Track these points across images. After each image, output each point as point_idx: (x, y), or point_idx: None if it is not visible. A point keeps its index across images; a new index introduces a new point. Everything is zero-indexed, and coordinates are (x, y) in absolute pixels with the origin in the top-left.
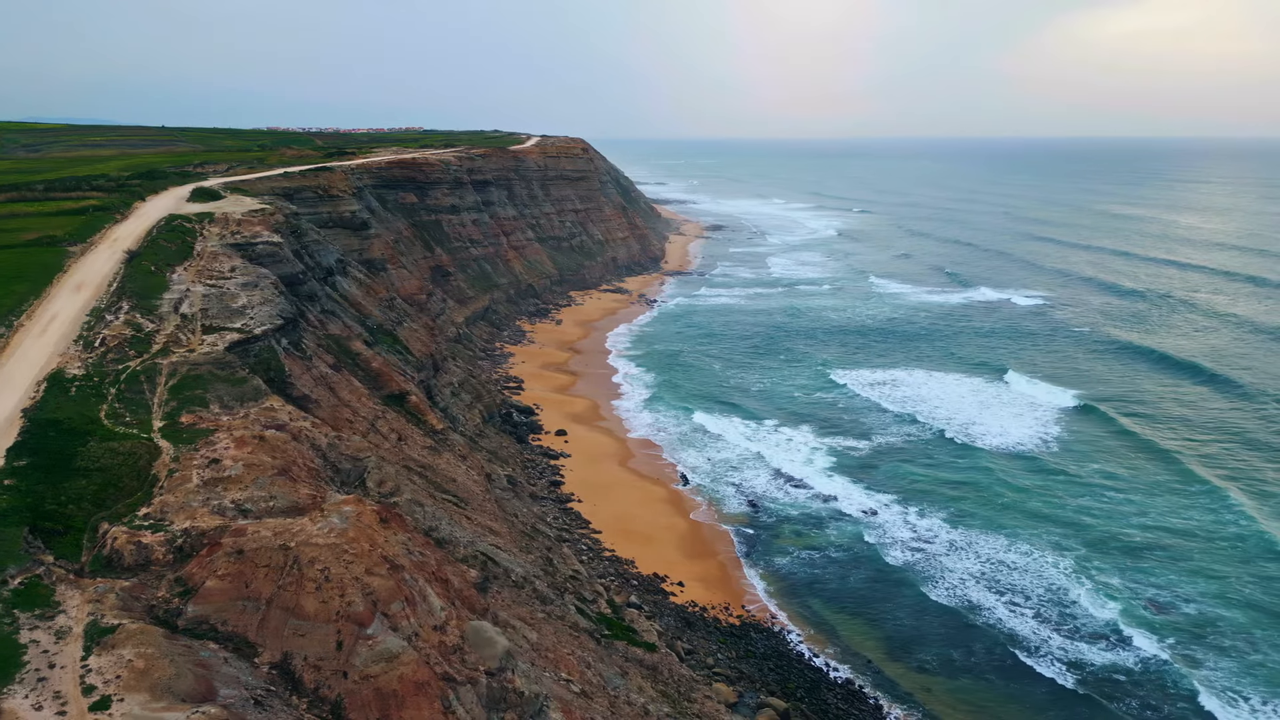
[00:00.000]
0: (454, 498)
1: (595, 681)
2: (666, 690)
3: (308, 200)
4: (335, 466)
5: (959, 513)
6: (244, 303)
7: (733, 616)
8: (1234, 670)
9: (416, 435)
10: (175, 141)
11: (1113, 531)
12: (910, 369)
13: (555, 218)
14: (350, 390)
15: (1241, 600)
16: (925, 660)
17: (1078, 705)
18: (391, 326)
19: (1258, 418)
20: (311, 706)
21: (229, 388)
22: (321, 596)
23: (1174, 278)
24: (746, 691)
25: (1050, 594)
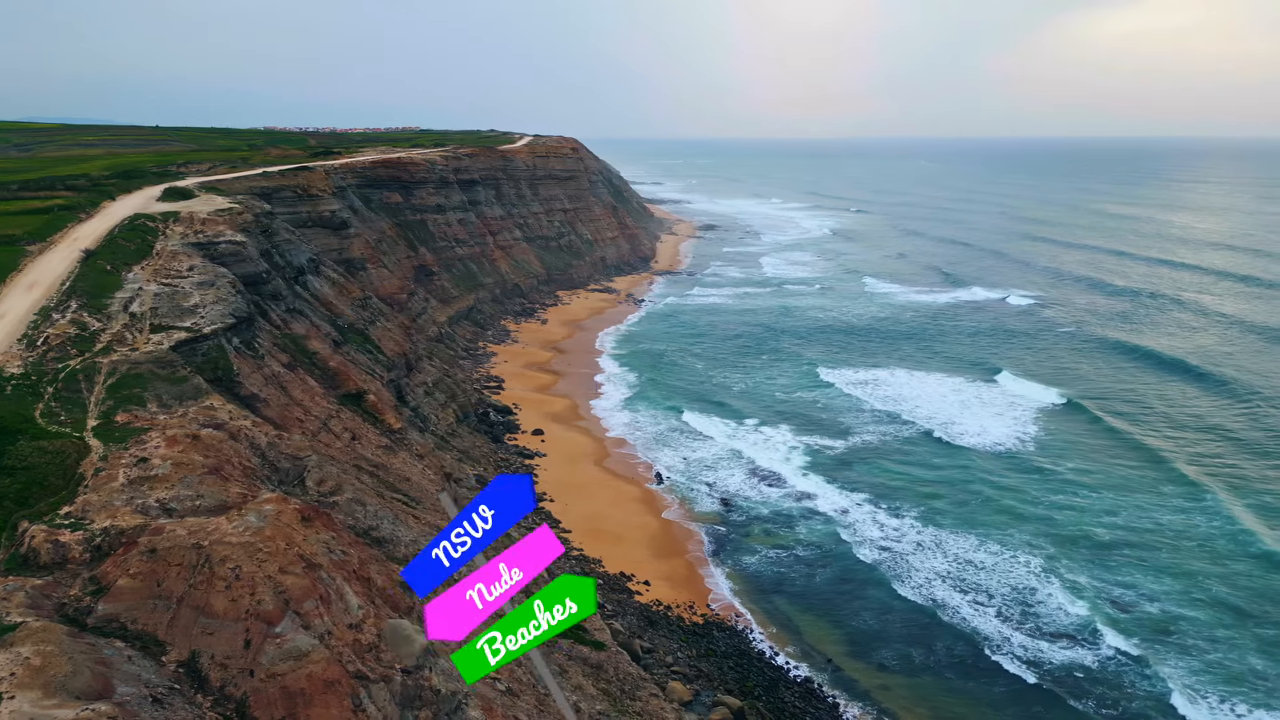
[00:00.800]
0: (405, 497)
1: (524, 679)
2: (608, 689)
3: (287, 200)
4: (274, 465)
5: (931, 511)
6: (196, 301)
7: (696, 615)
8: (1194, 668)
9: (371, 434)
10: (168, 141)
11: (1084, 530)
12: (894, 368)
13: (544, 217)
14: (304, 389)
15: (1207, 599)
16: (885, 659)
17: (1034, 703)
18: (363, 326)
19: (1242, 416)
20: (216, 705)
21: (169, 386)
22: (231, 595)
23: (1167, 277)
24: (704, 690)
25: (1015, 593)
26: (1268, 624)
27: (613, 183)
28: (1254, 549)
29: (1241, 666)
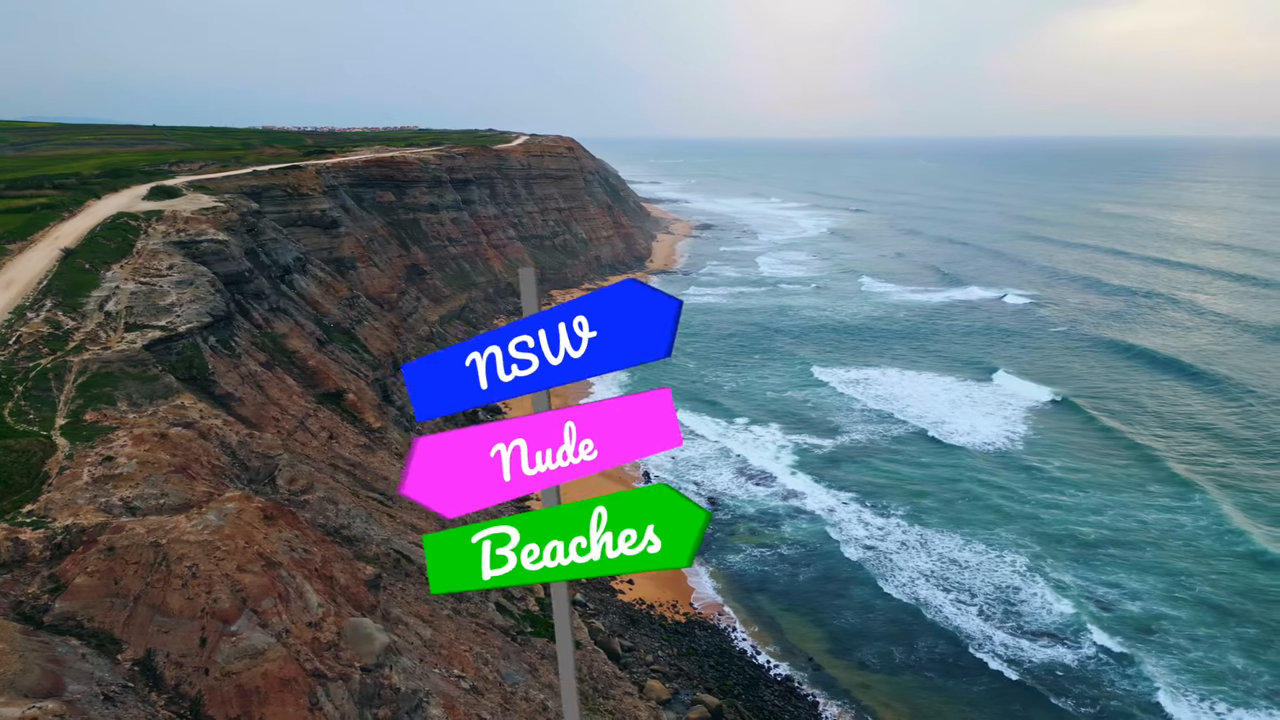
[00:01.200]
0: (381, 495)
1: (491, 678)
2: (581, 687)
3: (276, 198)
4: (244, 464)
5: (917, 510)
6: (173, 300)
7: (679, 614)
8: (1175, 667)
9: (350, 433)
10: (164, 140)
11: (1070, 529)
12: (887, 367)
13: (538, 216)
14: (281, 388)
15: (1190, 598)
16: (866, 657)
17: (1014, 701)
18: (350, 325)
19: (1234, 415)
20: (170, 703)
21: (139, 385)
22: (187, 593)
23: (1163, 276)
24: (683, 689)
25: (998, 591)
26: (1249, 623)
27: (609, 182)
28: (1239, 548)
29: (1222, 665)
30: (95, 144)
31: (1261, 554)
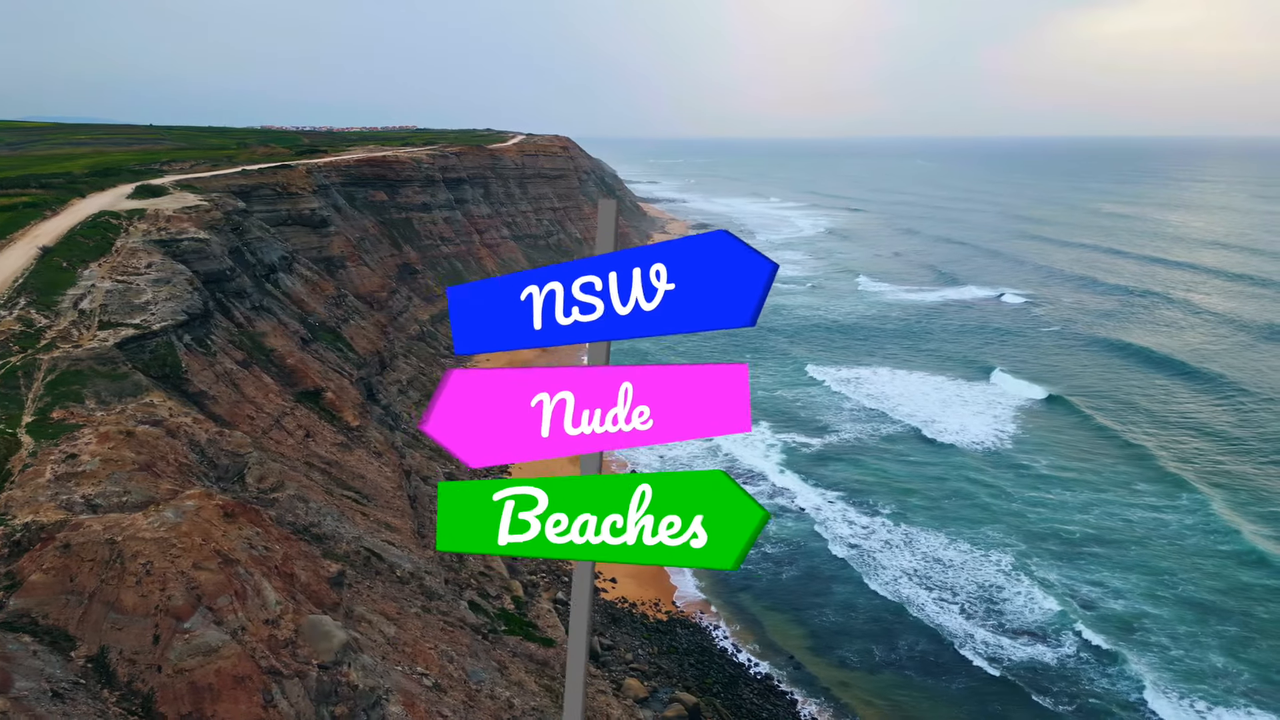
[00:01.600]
0: (356, 494)
1: (456, 675)
2: (553, 685)
3: (266, 198)
4: (213, 462)
5: (903, 509)
6: (148, 298)
7: (660, 612)
8: (1155, 665)
9: (327, 432)
10: (160, 140)
11: (1056, 528)
12: (880, 366)
13: (532, 215)
14: (257, 387)
15: (1173, 597)
16: (847, 656)
17: (992, 699)
18: (336, 324)
19: (1228, 413)
20: (122, 700)
21: (109, 383)
22: (141, 590)
23: (1160, 275)
24: (662, 687)
25: (981, 590)
26: (1231, 621)
27: (605, 181)
28: (1225, 546)
29: (1203, 664)
30: (91, 144)
31: (1248, 552)
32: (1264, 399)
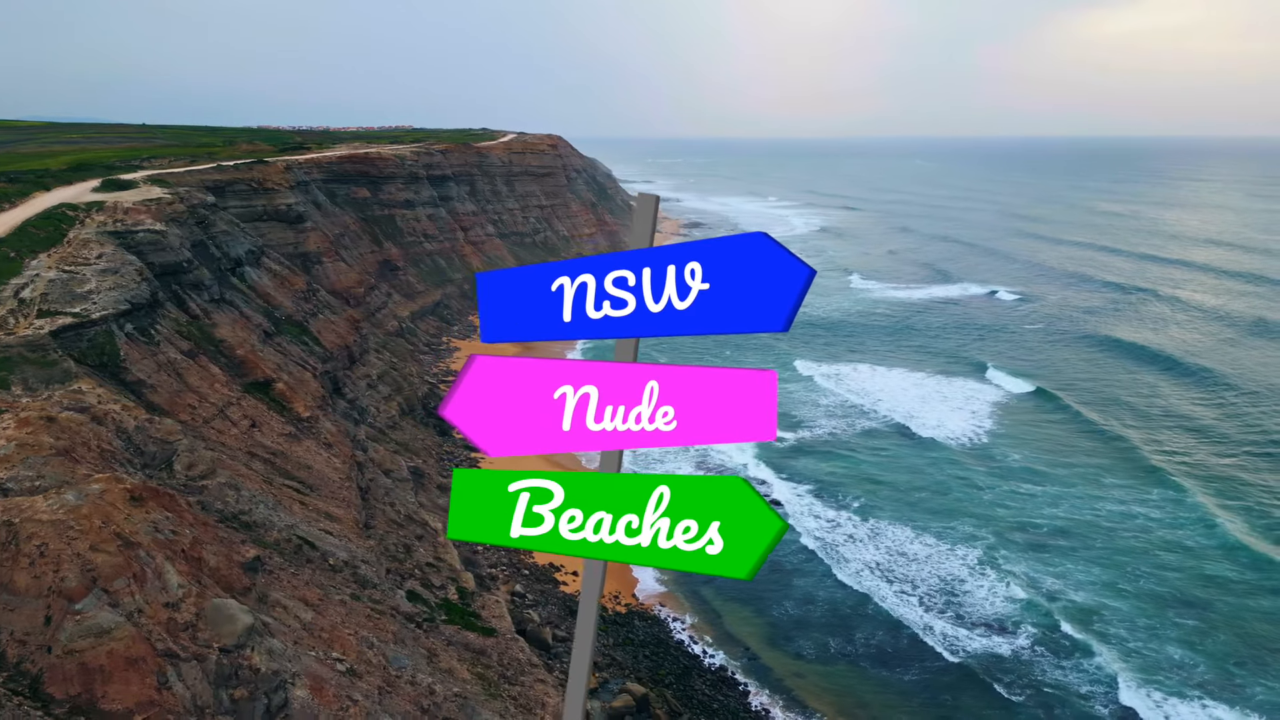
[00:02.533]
0: (299, 484)
1: (375, 661)
2: (485, 673)
3: (241, 193)
4: (139, 449)
5: (871, 503)
6: (92, 288)
7: (620, 605)
8: (1113, 657)
9: (275, 423)
10: (151, 138)
11: (1023, 522)
12: (862, 363)
13: (519, 213)
14: (203, 377)
15: (1134, 590)
16: (803, 647)
17: (943, 690)
18: (303, 318)
19: (1211, 407)
20: (10, 681)
21: (38, 370)
22: (34, 572)
23: (1153, 272)
24: (613, 678)
25: (943, 583)
26: (1190, 614)
27: (596, 180)
28: (1192, 541)
29: (1159, 655)
30: (83, 142)
31: (1217, 546)
32: (1247, 393)
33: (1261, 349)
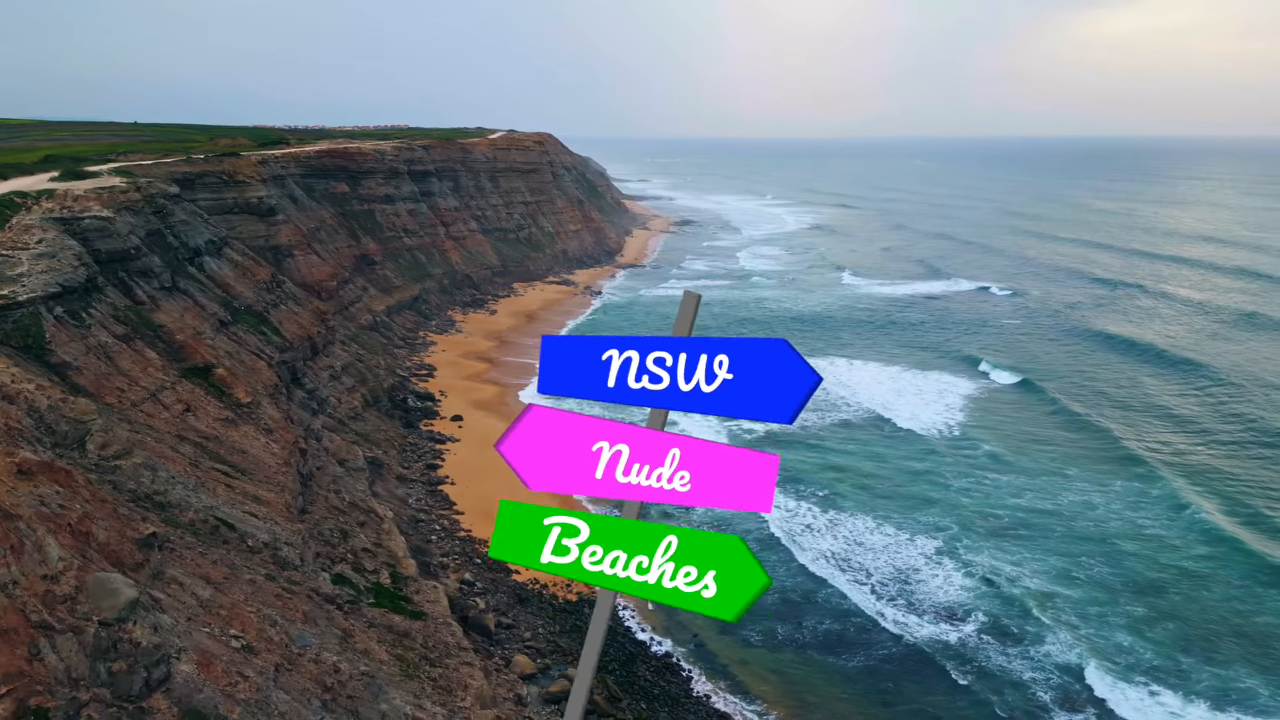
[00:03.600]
0: (230, 467)
1: (277, 639)
2: (406, 655)
3: (211, 185)
4: (51, 428)
5: (833, 494)
6: (23, 270)
7: (572, 593)
8: (1061, 646)
9: (212, 407)
10: (141, 135)
11: (984, 512)
12: (835, 357)
13: (503, 209)
14: (135, 360)
15: (1087, 578)
16: (750, 635)
17: (886, 677)
18: (264, 308)
19: (1192, 397)
20: None
21: None
22: None
23: (1144, 267)
24: (555, 664)
25: (897, 572)
26: (1140, 603)
27: (586, 178)
28: (1149, 530)
29: (1108, 643)
30: (72, 138)
31: (1172, 536)
32: (1228, 384)
33: (1245, 342)
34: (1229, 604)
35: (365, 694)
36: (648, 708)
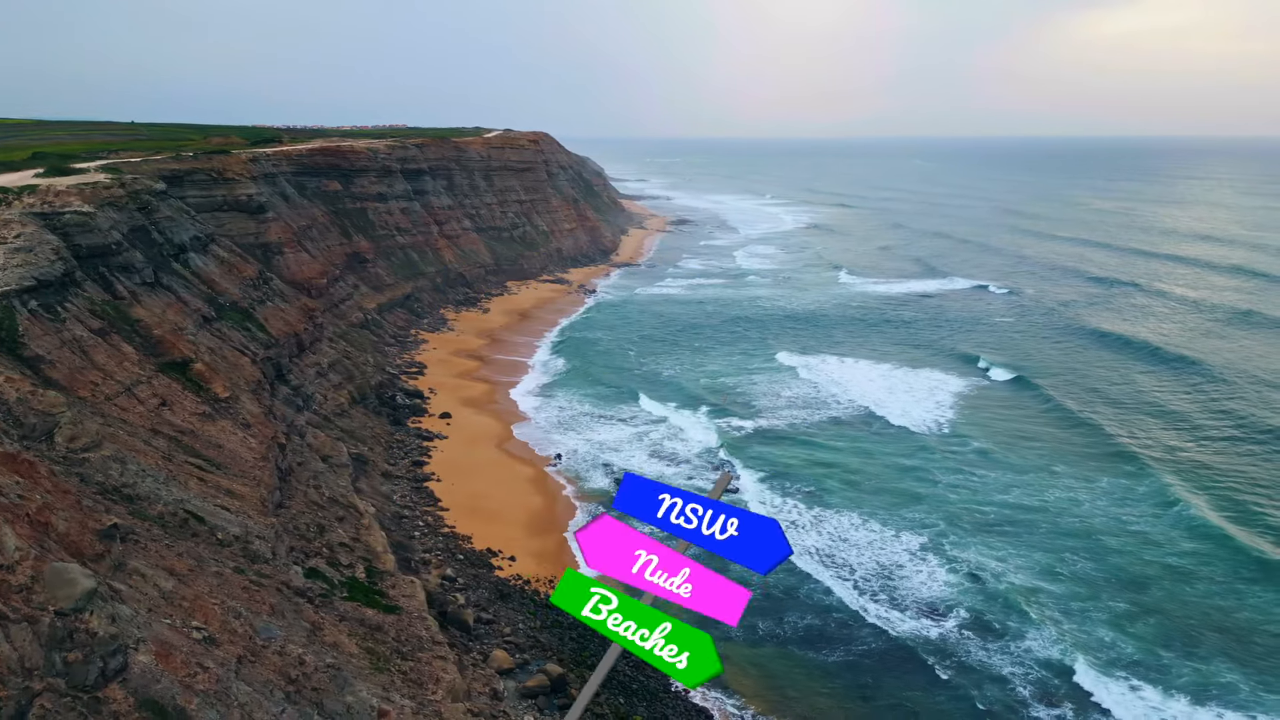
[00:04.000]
0: (205, 461)
1: (240, 631)
2: (376, 648)
3: (200, 182)
4: (19, 421)
5: (820, 491)
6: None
7: (553, 589)
8: (1043, 642)
9: (189, 402)
10: (136, 134)
11: (971, 508)
12: (827, 355)
13: (497, 208)
14: (111, 355)
15: (1069, 573)
16: (731, 631)
17: (866, 672)
18: (250, 305)
19: (1185, 393)
20: None
21: None
22: None
23: (1141, 266)
24: (534, 659)
25: (881, 568)
26: (1122, 598)
27: (582, 177)
28: (1135, 526)
29: (1090, 638)
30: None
31: (1154, 532)
32: (1222, 381)
33: (1239, 339)
34: (1211, 599)
35: (330, 686)
36: (626, 702)
